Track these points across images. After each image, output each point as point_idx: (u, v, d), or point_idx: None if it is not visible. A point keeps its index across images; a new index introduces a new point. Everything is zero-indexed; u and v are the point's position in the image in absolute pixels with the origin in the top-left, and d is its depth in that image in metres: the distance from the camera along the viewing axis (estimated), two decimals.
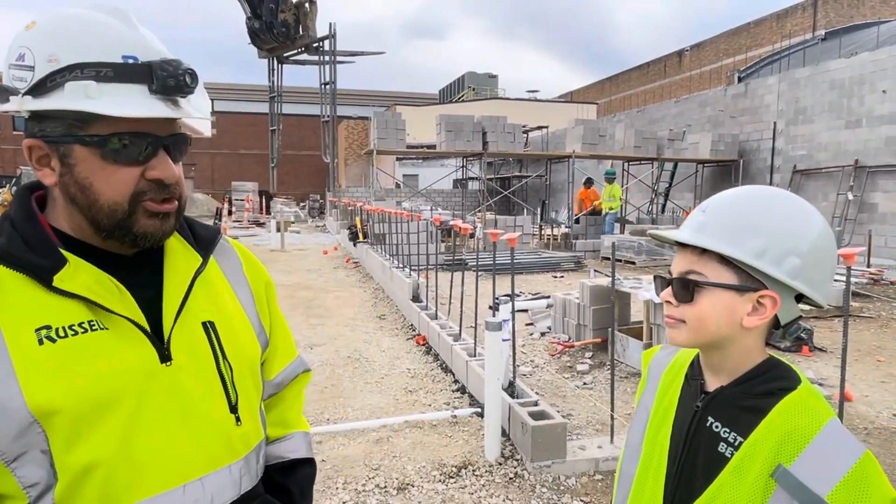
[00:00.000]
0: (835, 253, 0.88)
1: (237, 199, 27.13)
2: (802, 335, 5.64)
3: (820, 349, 5.67)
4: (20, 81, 0.78)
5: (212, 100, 0.90)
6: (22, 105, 0.78)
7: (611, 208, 14.10)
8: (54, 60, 0.77)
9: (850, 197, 12.64)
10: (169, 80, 0.79)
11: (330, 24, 10.29)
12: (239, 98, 37.49)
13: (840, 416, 2.77)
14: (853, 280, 8.23)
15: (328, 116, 11.70)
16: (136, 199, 0.82)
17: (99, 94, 0.76)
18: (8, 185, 9.73)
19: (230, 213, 25.49)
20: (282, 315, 1.11)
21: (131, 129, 0.79)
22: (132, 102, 0.78)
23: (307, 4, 8.46)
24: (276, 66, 10.77)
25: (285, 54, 9.92)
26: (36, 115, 0.80)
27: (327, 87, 11.19)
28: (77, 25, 0.79)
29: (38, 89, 0.77)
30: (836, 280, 7.55)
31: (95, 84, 0.76)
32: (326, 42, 10.27)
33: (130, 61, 0.79)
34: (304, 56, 10.70)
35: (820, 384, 4.74)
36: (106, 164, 0.80)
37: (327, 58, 10.34)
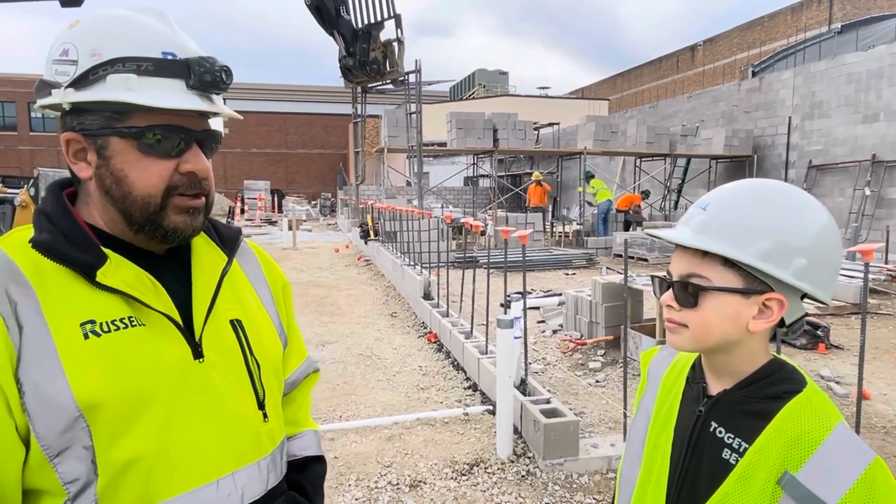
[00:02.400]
0: (840, 249, 0.85)
1: (249, 198, 27.30)
2: (819, 333, 5.57)
3: (836, 347, 5.60)
4: (63, 76, 0.80)
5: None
6: (64, 97, 0.80)
7: (589, 203, 13.95)
8: (97, 55, 0.80)
9: (868, 192, 12.44)
10: (206, 75, 0.83)
11: (416, 60, 11.17)
12: (249, 97, 37.62)
13: (858, 414, 2.73)
14: (870, 276, 8.09)
15: (414, 145, 12.40)
16: (169, 192, 0.84)
17: (139, 86, 0.79)
18: (26, 186, 9.85)
19: (243, 211, 25.66)
20: (294, 316, 1.12)
21: (167, 123, 0.82)
22: (170, 96, 0.81)
23: (395, 43, 9.15)
24: (359, 95, 11.56)
25: (370, 85, 10.68)
26: (75, 109, 0.82)
27: (413, 116, 11.91)
28: (119, 23, 0.82)
29: (81, 82, 0.80)
30: (853, 277, 7.46)
31: (136, 77, 0.79)
32: (412, 75, 11.05)
33: (169, 57, 0.82)
34: (389, 87, 11.51)
35: (836, 382, 4.69)
36: (142, 156, 0.82)
37: (408, 86, 11.23)
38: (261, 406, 0.91)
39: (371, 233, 12.16)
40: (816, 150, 14.03)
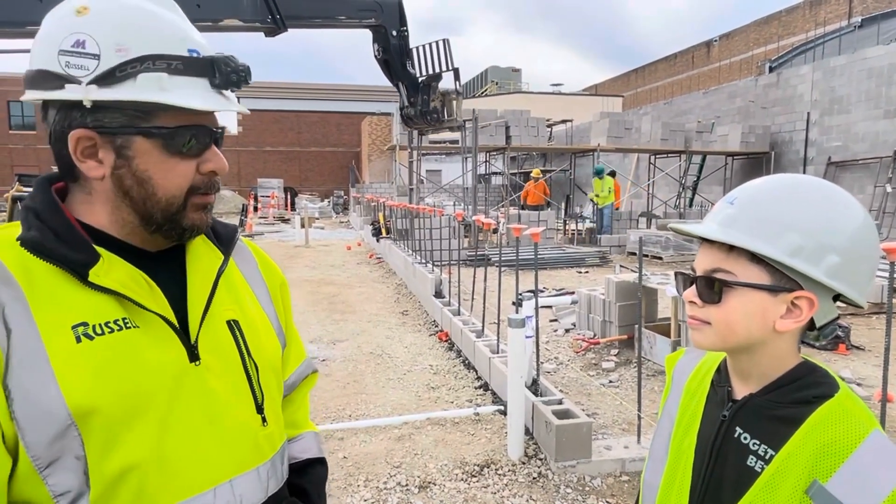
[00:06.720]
0: (877, 248, 0.81)
1: (263, 196, 27.46)
2: (839, 333, 5.45)
3: (857, 347, 5.47)
4: (80, 70, 0.75)
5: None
6: (87, 94, 0.75)
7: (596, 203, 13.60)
8: (123, 50, 0.75)
9: (889, 189, 12.19)
10: (232, 75, 0.81)
11: (473, 110, 11.90)
12: (263, 95, 37.77)
13: (882, 419, 2.64)
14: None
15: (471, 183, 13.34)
16: (190, 193, 0.82)
17: (171, 86, 0.76)
18: None
19: (256, 209, 25.81)
20: (292, 316, 1.10)
21: (195, 123, 0.80)
22: (201, 96, 0.78)
23: (453, 94, 9.81)
24: (416, 135, 12.51)
25: (427, 129, 11.53)
26: (92, 107, 0.77)
27: (468, 151, 12.84)
28: (140, 16, 0.78)
29: (106, 79, 0.75)
30: (876, 275, 7.30)
31: (167, 76, 0.76)
32: (468, 124, 11.92)
33: (195, 55, 0.80)
34: (446, 133, 12.46)
35: (858, 384, 4.57)
36: (167, 156, 0.79)
37: (466, 129, 12.22)
38: (259, 410, 0.88)
39: (383, 231, 12.16)
40: (836, 146, 13.77)
